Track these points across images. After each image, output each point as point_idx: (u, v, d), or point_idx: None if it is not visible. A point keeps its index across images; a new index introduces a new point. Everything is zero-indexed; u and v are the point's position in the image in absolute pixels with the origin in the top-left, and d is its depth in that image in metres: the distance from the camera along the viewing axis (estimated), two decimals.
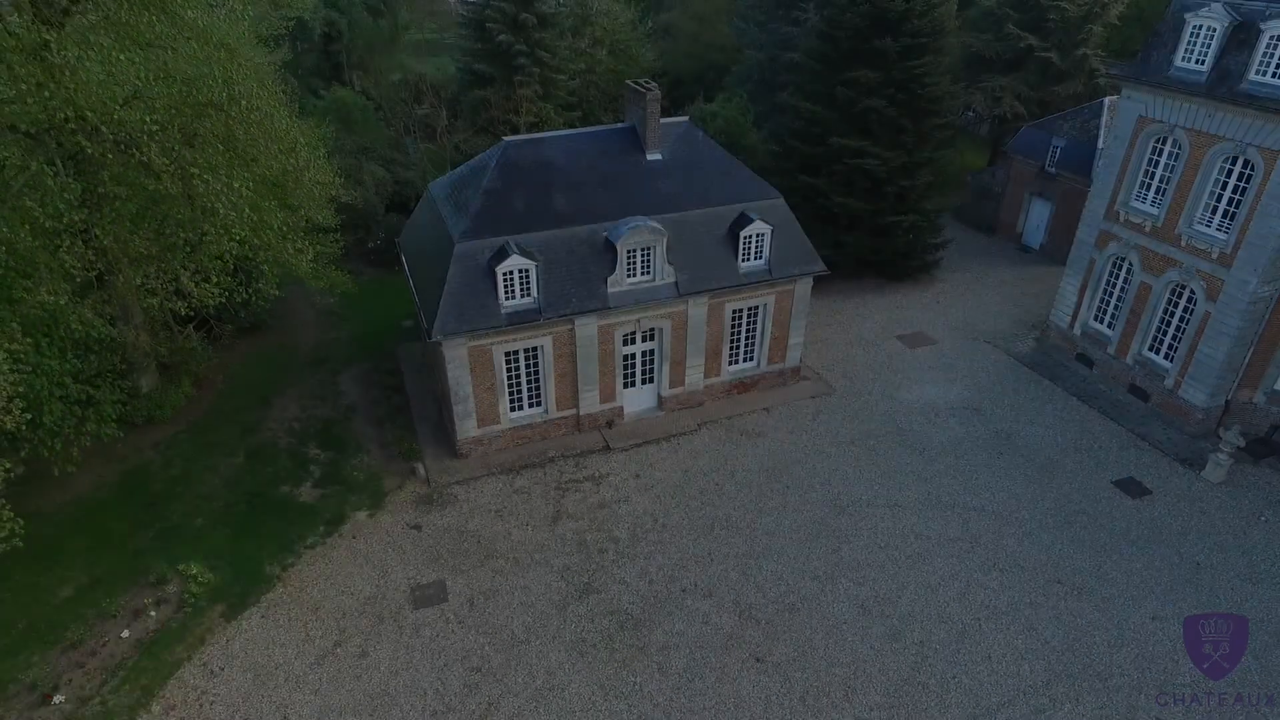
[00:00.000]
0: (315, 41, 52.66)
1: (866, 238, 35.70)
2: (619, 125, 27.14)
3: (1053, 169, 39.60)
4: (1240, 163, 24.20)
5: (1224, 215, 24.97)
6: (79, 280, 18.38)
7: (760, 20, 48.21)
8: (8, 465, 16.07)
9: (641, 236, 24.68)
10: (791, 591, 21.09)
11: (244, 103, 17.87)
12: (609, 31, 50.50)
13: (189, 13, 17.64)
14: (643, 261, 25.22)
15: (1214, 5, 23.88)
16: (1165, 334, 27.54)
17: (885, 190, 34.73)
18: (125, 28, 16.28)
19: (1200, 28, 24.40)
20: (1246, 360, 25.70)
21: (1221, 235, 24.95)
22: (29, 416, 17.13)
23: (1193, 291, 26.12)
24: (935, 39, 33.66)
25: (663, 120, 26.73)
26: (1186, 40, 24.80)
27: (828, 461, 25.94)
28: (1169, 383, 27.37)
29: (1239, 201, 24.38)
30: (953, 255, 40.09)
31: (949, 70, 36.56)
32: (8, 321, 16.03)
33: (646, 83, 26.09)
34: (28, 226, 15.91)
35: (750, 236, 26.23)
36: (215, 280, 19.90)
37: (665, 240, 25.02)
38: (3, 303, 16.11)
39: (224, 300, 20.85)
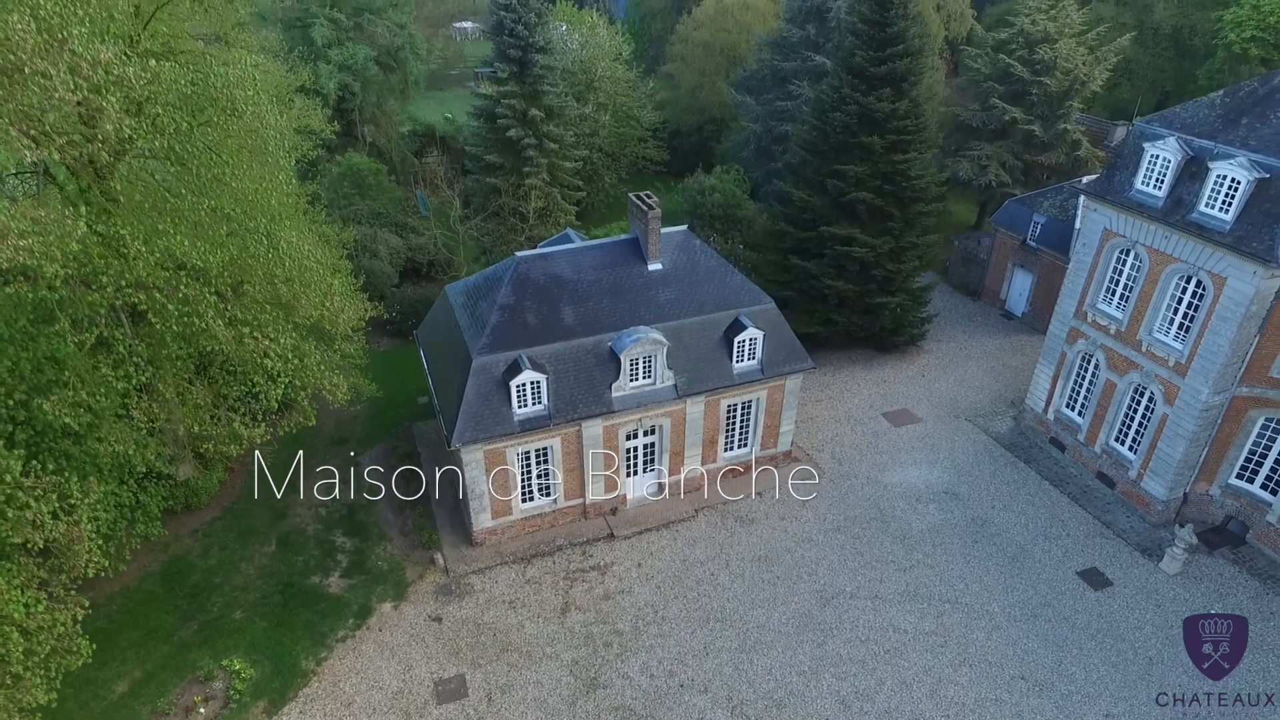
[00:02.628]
0: (330, 104, 54.80)
1: (856, 316, 37.83)
2: (622, 238, 29.26)
3: (1034, 243, 41.68)
4: (1194, 282, 26.31)
5: (1180, 327, 27.08)
6: (144, 431, 20.57)
7: (755, 89, 50.34)
8: (85, 604, 18.20)
9: (644, 348, 26.82)
10: (780, 687, 23.23)
11: (288, 261, 20.02)
12: (611, 96, 52.68)
13: (238, 184, 19.80)
14: (644, 367, 27.35)
15: (1169, 140, 25.99)
16: (1129, 428, 29.64)
17: (873, 274, 36.87)
18: (182, 213, 18.44)
19: (1157, 157, 26.51)
20: (1202, 458, 27.82)
21: (1178, 345, 27.05)
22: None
23: (1152, 394, 28.23)
24: (919, 134, 35.79)
25: (663, 230, 28.87)
26: (1145, 166, 26.91)
27: (815, 550, 28.07)
28: (1132, 473, 29.49)
29: (1194, 316, 26.48)
30: (939, 322, 42.24)
31: (934, 161, 38.64)
32: (87, 476, 18.24)
33: (648, 198, 28.19)
34: (103, 389, 18.10)
35: (743, 341, 28.37)
36: (262, 422, 22.13)
37: (665, 348, 27.15)
38: (86, 460, 18.33)
39: (269, 437, 22.99)
